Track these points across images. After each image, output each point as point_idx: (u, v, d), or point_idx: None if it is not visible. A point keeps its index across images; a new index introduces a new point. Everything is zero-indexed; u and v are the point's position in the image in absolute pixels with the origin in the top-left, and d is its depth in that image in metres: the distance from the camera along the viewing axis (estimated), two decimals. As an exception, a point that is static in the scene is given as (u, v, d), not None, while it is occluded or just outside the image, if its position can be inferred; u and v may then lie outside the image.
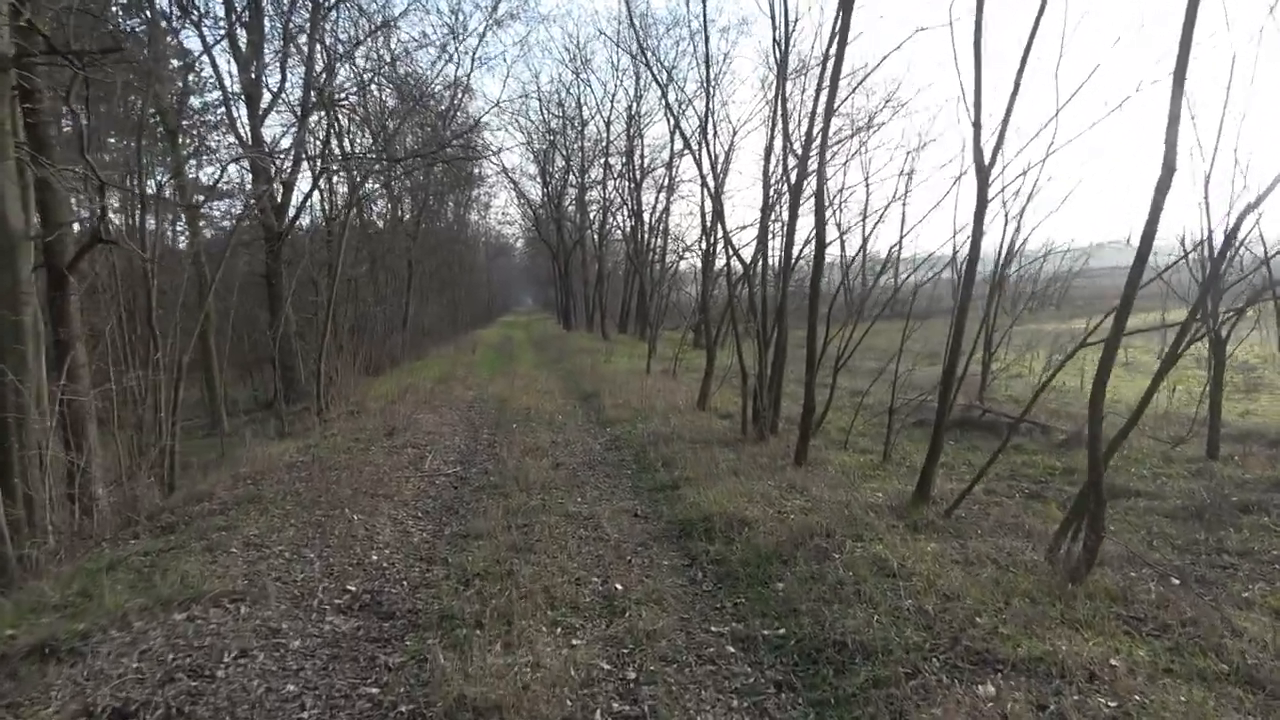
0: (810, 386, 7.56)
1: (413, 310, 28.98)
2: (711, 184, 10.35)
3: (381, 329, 26.73)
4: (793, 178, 8.49)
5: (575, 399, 13.21)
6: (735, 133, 14.75)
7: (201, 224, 24.36)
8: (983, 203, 5.54)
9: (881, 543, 4.93)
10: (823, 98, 7.67)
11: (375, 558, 5.15)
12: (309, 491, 6.64)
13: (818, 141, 8.24)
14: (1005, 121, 5.45)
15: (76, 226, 8.92)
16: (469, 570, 4.82)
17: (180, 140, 13.45)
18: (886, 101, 18.83)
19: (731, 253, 9.49)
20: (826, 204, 9.79)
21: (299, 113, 17.24)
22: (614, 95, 39.05)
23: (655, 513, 6.22)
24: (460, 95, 24.72)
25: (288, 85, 17.27)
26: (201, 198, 14.86)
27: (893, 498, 6.29)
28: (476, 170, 40.83)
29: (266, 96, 16.88)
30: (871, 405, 11.87)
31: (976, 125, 5.48)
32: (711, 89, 9.81)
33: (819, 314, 7.54)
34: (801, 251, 9.37)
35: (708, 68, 9.93)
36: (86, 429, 7.46)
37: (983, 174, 5.50)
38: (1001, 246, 9.73)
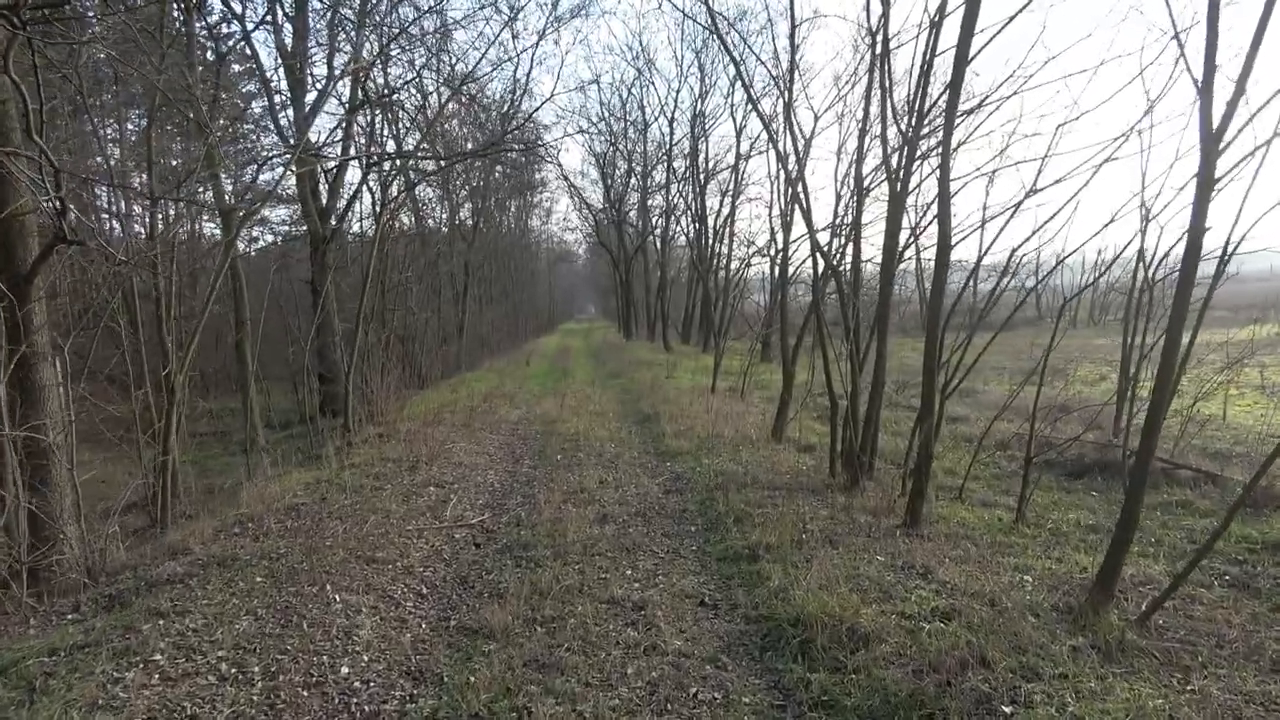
0: (930, 421, 5.90)
1: (469, 318, 28.08)
2: (793, 165, 8.73)
3: (435, 338, 25.90)
4: (895, 162, 6.83)
5: (631, 422, 11.74)
6: (817, 119, 12.87)
7: (246, 228, 23.96)
8: (1208, 183, 3.83)
9: (1068, 684, 3.30)
10: (940, 65, 6.03)
11: (346, 670, 3.75)
12: (293, 552, 5.32)
13: (933, 117, 6.58)
14: (1242, 82, 3.75)
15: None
16: (466, 706, 3.37)
17: (212, 137, 12.56)
18: (1017, 70, 16.80)
19: (817, 253, 7.83)
20: (909, 193, 8.17)
21: (346, 108, 16.36)
22: (678, 92, 37.55)
23: (728, 600, 4.67)
24: (519, 96, 23.73)
25: (337, 85, 16.42)
26: (231, 198, 13.94)
27: (1052, 586, 4.60)
28: (538, 175, 40.19)
29: (311, 95, 16.06)
30: (967, 435, 10.07)
31: (1206, 87, 3.79)
32: (797, 56, 8.19)
33: (939, 325, 5.87)
34: (904, 251, 7.67)
35: (793, 24, 8.26)
36: (52, 461, 6.33)
37: (1211, 145, 3.80)
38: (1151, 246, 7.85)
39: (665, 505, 6.88)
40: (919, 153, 6.90)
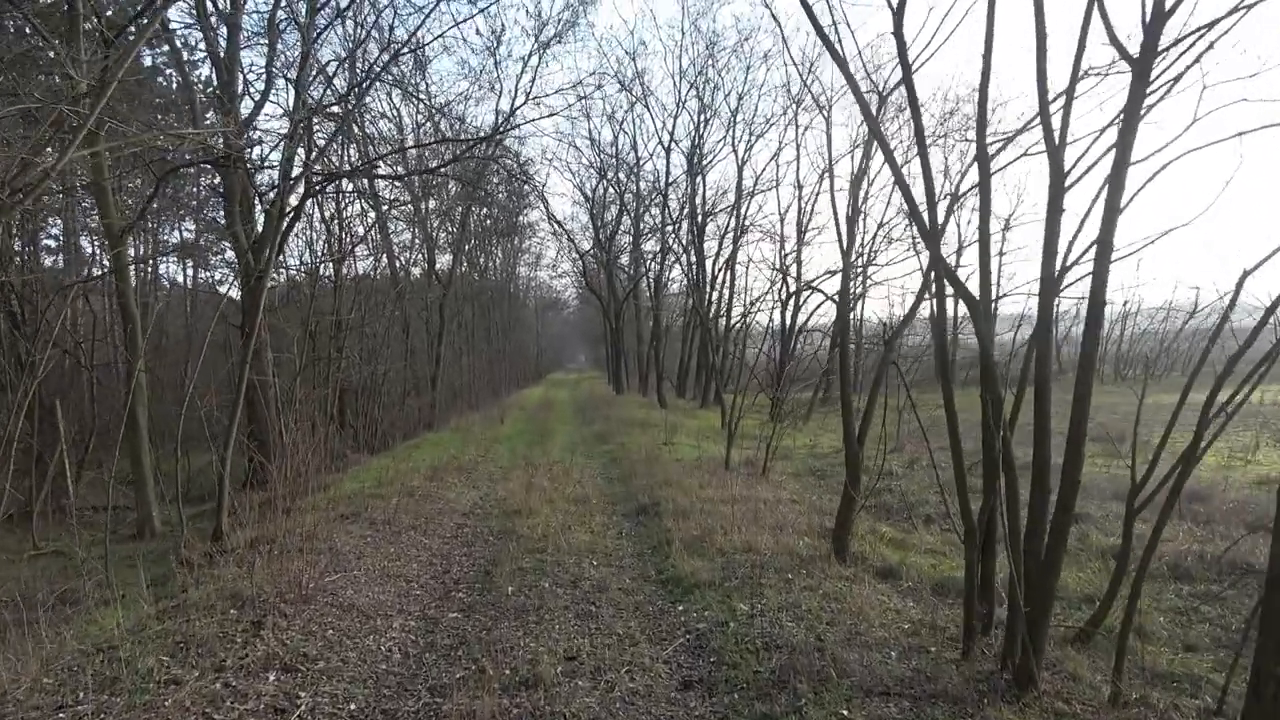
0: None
1: (444, 368, 24.99)
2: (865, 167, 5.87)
3: (401, 390, 22.76)
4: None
5: (622, 516, 8.65)
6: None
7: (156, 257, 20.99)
8: None
9: None
10: None
11: None
12: None
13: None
14: None
15: None
16: None
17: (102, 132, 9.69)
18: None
19: (943, 278, 4.70)
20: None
21: (292, 115, 13.50)
22: (675, 117, 34.78)
23: None
24: (504, 124, 21.15)
25: (279, 97, 13.66)
26: (122, 221, 10.95)
27: None
28: (524, 219, 37.55)
29: (248, 103, 13.31)
30: (1101, 546, 7.06)
31: None
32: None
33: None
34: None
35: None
36: None
37: None
38: None
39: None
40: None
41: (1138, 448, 4.27)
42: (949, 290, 4.53)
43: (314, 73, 12.89)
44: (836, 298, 7.35)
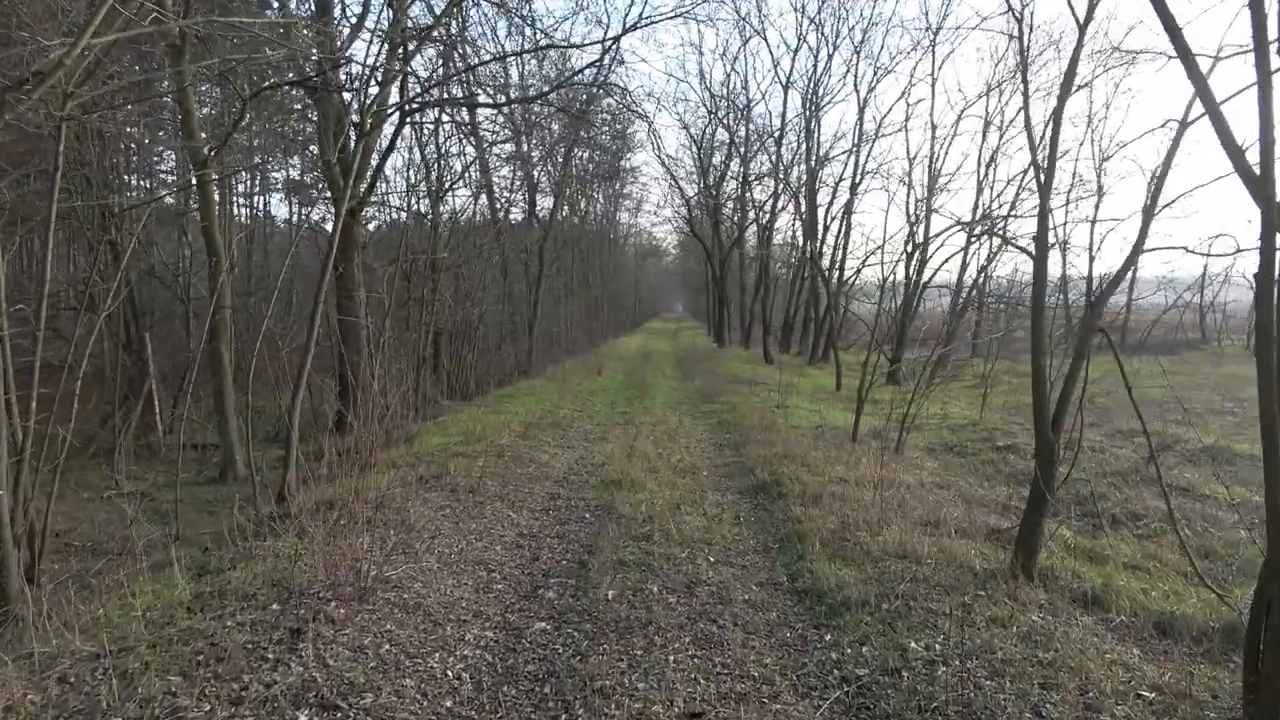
0: None
1: (542, 311, 24.19)
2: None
3: (498, 334, 22.10)
4: None
5: (738, 493, 7.42)
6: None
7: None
8: None
9: None
10: None
11: None
12: None
13: None
14: None
15: None
16: None
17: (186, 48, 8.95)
18: None
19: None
20: None
21: (386, 39, 12.52)
22: (796, 53, 32.04)
23: None
24: (609, 59, 19.70)
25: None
26: (207, 147, 10.27)
27: None
28: (625, 162, 36.05)
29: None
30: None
31: None
32: None
33: None
34: None
35: None
36: None
37: None
38: None
39: None
40: None
41: None
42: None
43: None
44: (1033, 244, 5.70)
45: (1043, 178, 5.81)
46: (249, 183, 24.25)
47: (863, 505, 6.46)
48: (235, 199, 24.28)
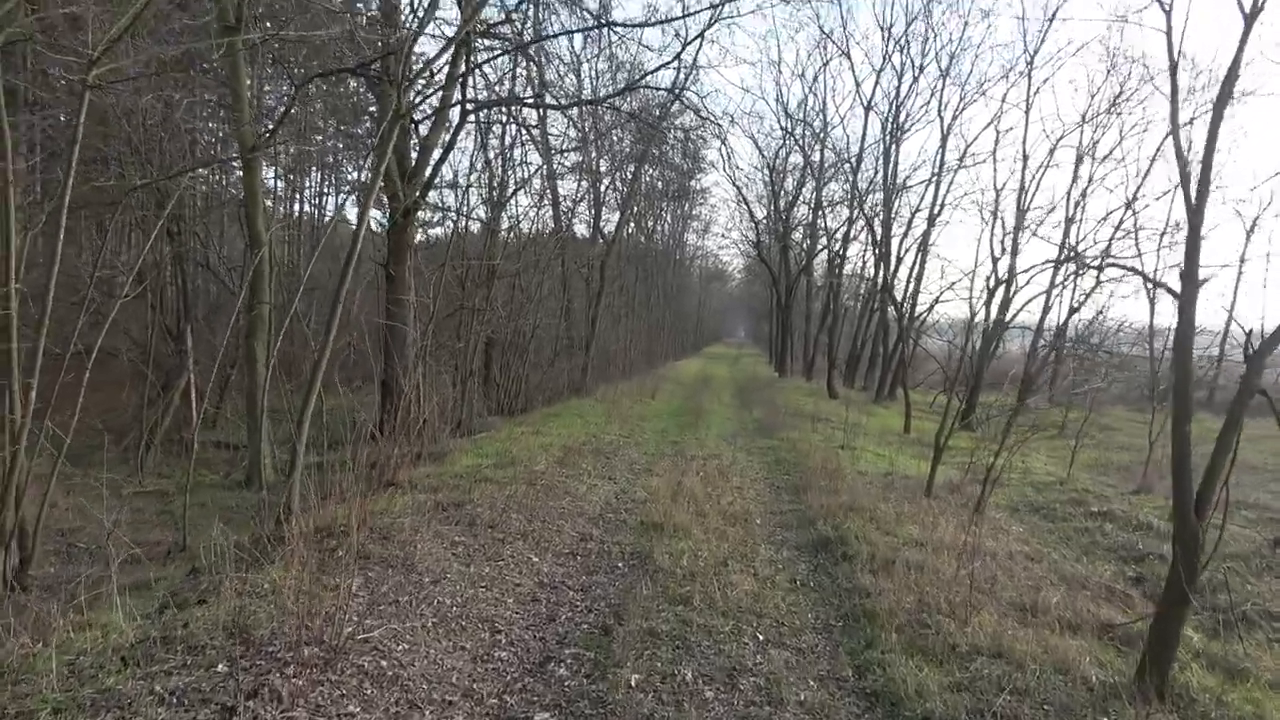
0: None
1: (599, 329, 23.49)
2: None
3: (553, 348, 21.46)
4: None
5: (795, 549, 6.44)
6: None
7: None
8: None
9: None
10: None
11: None
12: None
13: None
14: None
15: None
16: None
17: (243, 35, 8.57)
18: None
19: None
20: None
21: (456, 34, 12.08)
22: (880, 73, 30.65)
23: None
24: (685, 76, 19.05)
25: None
26: (258, 132, 9.86)
27: None
28: (695, 183, 35.29)
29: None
30: None
31: None
32: None
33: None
34: None
35: None
36: None
37: None
38: None
39: None
40: None
41: None
42: None
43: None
44: (1179, 278, 4.65)
45: (1194, 197, 4.76)
46: (319, 182, 24.39)
47: (944, 580, 5.43)
48: (303, 199, 24.44)
